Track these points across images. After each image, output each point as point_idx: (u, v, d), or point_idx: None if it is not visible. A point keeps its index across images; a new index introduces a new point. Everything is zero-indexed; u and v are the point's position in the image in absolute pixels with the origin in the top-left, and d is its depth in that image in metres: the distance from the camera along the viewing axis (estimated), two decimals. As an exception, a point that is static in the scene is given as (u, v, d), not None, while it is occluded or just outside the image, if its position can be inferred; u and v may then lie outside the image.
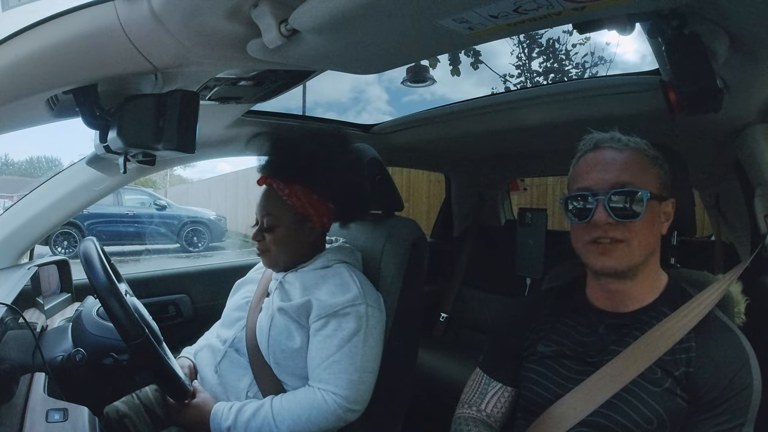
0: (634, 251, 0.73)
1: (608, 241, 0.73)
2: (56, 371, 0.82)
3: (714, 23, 0.70)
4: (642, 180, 0.74)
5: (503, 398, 0.88)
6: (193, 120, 0.77)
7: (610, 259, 0.74)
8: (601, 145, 0.78)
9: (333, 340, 0.97)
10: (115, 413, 1.04)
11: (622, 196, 0.73)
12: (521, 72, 8.09)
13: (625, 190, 0.73)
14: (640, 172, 0.75)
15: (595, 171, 0.76)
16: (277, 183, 1.06)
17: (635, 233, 0.73)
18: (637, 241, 0.73)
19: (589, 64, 7.84)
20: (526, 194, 3.87)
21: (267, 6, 0.60)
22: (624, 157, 0.76)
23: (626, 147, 0.76)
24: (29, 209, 1.20)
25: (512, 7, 0.55)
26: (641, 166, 0.75)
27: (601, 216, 0.73)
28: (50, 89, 0.72)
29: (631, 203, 0.72)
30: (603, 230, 0.73)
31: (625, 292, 0.78)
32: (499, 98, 1.52)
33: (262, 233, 1.07)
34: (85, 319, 0.90)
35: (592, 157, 0.78)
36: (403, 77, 1.86)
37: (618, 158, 0.76)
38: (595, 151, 0.78)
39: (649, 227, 0.74)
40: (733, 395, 0.68)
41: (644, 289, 0.78)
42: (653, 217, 0.75)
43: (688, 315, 0.73)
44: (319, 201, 1.06)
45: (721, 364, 0.70)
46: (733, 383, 0.68)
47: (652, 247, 0.76)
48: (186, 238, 8.17)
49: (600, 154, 0.77)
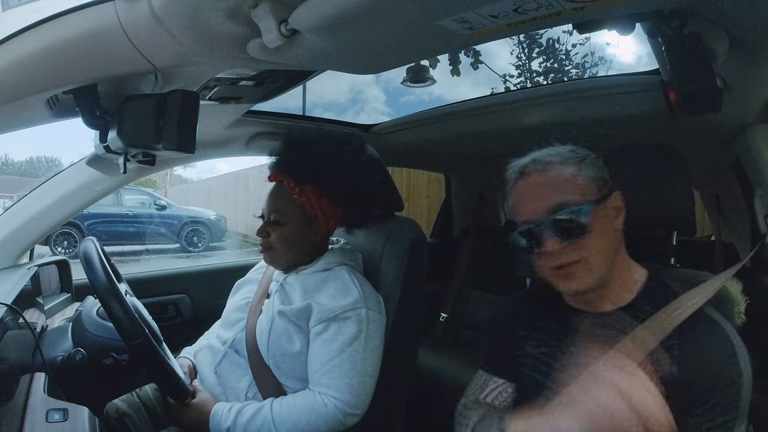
0: (594, 266, 0.73)
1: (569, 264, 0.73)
2: (56, 371, 0.82)
3: (714, 23, 0.70)
4: (576, 192, 0.72)
5: (506, 393, 0.87)
6: (193, 120, 0.77)
7: (577, 281, 0.74)
8: (526, 171, 0.76)
9: (333, 344, 0.97)
10: (115, 412, 1.04)
11: (563, 217, 0.71)
12: (521, 72, 8.09)
13: (563, 212, 0.71)
14: (571, 185, 0.73)
15: (528, 201, 0.75)
16: (288, 181, 1.06)
17: (590, 248, 0.72)
18: (595, 255, 0.73)
19: (589, 64, 7.84)
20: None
21: (267, 6, 0.60)
22: (550, 176, 0.74)
23: (549, 164, 0.75)
24: (29, 209, 1.20)
25: (512, 7, 0.55)
26: (569, 177, 0.73)
27: (551, 244, 0.72)
28: (50, 89, 0.72)
29: (575, 222, 0.71)
30: (558, 257, 0.73)
31: (597, 295, 0.77)
32: (499, 98, 1.52)
33: (268, 229, 1.06)
34: (85, 319, 0.91)
35: (522, 186, 0.77)
36: (403, 77, 1.86)
37: (544, 181, 0.74)
38: (523, 179, 0.77)
39: (603, 235, 0.73)
40: (721, 389, 0.67)
41: (616, 290, 0.77)
42: (603, 224, 0.73)
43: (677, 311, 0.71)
44: (329, 204, 1.07)
45: (704, 359, 0.68)
46: (720, 377, 0.67)
47: (612, 251, 0.75)
48: (186, 238, 8.18)
49: (526, 181, 0.76)
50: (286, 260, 1.09)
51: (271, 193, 1.08)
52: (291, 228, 1.05)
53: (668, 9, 0.67)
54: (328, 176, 1.04)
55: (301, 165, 1.06)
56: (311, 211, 1.05)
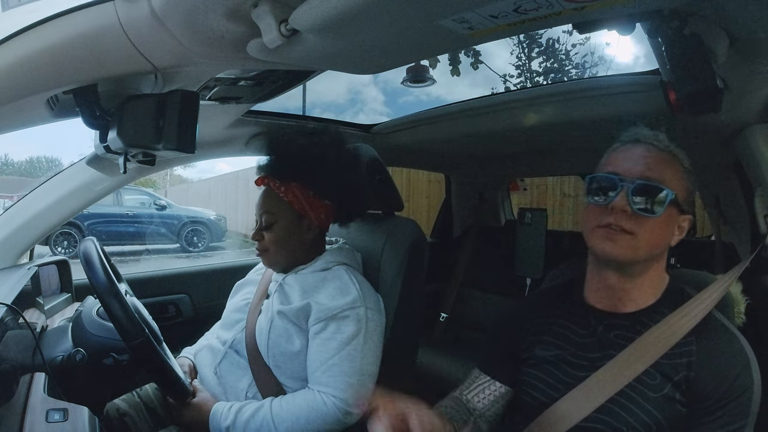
0: (638, 246, 0.72)
1: (618, 229, 0.72)
2: (56, 371, 0.82)
3: (714, 23, 0.70)
4: (671, 183, 0.73)
5: (488, 390, 0.86)
6: (193, 120, 0.77)
7: (614, 246, 0.72)
8: (643, 140, 0.77)
9: (332, 343, 0.97)
10: (116, 411, 1.04)
11: (647, 189, 0.72)
12: (521, 72, 8.10)
13: (651, 184, 0.72)
14: (672, 176, 0.74)
15: (628, 160, 0.75)
16: (273, 182, 1.06)
17: (646, 229, 0.72)
18: (646, 238, 0.72)
19: (588, 64, 7.85)
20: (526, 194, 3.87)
21: (267, 6, 0.59)
22: (661, 156, 0.75)
23: (666, 149, 0.75)
24: (29, 209, 1.20)
25: (512, 7, 0.55)
26: (675, 170, 0.74)
27: (621, 202, 0.72)
28: (50, 89, 0.72)
29: (653, 199, 0.72)
30: (616, 218, 0.72)
31: (625, 291, 0.77)
32: (499, 98, 1.52)
33: (261, 232, 1.07)
34: (85, 319, 0.90)
35: (630, 148, 0.77)
36: (403, 77, 1.86)
37: (654, 155, 0.75)
38: (635, 144, 0.77)
39: (662, 229, 0.73)
40: (733, 398, 0.68)
41: (644, 291, 0.77)
42: (668, 221, 0.74)
43: (687, 315, 0.72)
44: (316, 198, 1.07)
45: (721, 367, 0.69)
46: (733, 386, 0.68)
47: (658, 250, 0.75)
48: (186, 238, 8.18)
49: (638, 147, 0.76)
50: (283, 260, 1.09)
51: (260, 197, 1.09)
52: (282, 227, 1.06)
53: (668, 9, 0.67)
54: (308, 170, 1.05)
55: (282, 163, 1.07)
56: (299, 206, 1.06)
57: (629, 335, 0.75)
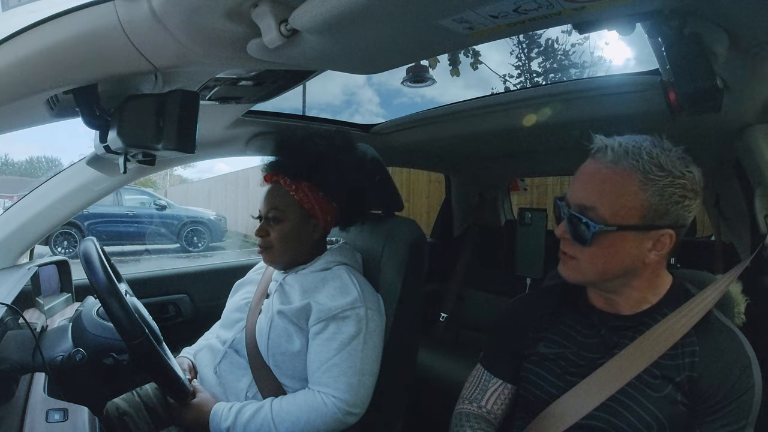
0: (585, 270, 0.75)
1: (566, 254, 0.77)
2: (56, 371, 0.82)
3: (714, 23, 0.70)
4: (610, 207, 0.69)
5: (503, 395, 0.88)
6: (193, 120, 0.77)
7: (566, 269, 0.77)
8: (595, 155, 0.74)
9: (332, 343, 0.97)
10: (116, 411, 1.04)
11: (578, 219, 0.72)
12: (520, 72, 8.09)
13: (580, 217, 0.72)
14: (615, 198, 0.69)
15: (576, 182, 0.75)
16: (284, 179, 1.07)
17: (585, 256, 0.74)
18: (587, 263, 0.74)
19: (588, 64, 7.84)
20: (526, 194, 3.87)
21: (267, 6, 0.59)
22: (607, 175, 0.70)
23: (615, 164, 0.70)
24: (29, 209, 1.20)
25: (512, 7, 0.55)
26: (622, 190, 0.69)
27: (561, 229, 0.76)
28: (50, 89, 0.72)
29: (583, 231, 0.72)
30: (563, 243, 0.77)
31: (614, 300, 0.78)
32: (499, 98, 1.52)
33: (267, 228, 1.07)
34: (85, 319, 0.90)
35: (585, 166, 0.75)
36: (403, 77, 1.86)
37: (599, 176, 0.71)
38: (590, 160, 0.75)
39: (606, 255, 0.72)
40: (735, 398, 0.68)
41: (641, 295, 0.77)
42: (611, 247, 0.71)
43: (688, 315, 0.72)
44: (324, 199, 1.08)
45: (724, 367, 0.69)
46: (735, 387, 0.68)
47: (617, 272, 0.73)
48: (186, 238, 8.18)
49: (590, 164, 0.74)
50: (285, 258, 1.09)
51: (268, 193, 1.09)
52: (290, 224, 1.06)
53: (668, 9, 0.67)
54: (321, 171, 1.06)
55: (295, 162, 1.07)
56: (309, 206, 1.07)
57: (631, 335, 0.75)
